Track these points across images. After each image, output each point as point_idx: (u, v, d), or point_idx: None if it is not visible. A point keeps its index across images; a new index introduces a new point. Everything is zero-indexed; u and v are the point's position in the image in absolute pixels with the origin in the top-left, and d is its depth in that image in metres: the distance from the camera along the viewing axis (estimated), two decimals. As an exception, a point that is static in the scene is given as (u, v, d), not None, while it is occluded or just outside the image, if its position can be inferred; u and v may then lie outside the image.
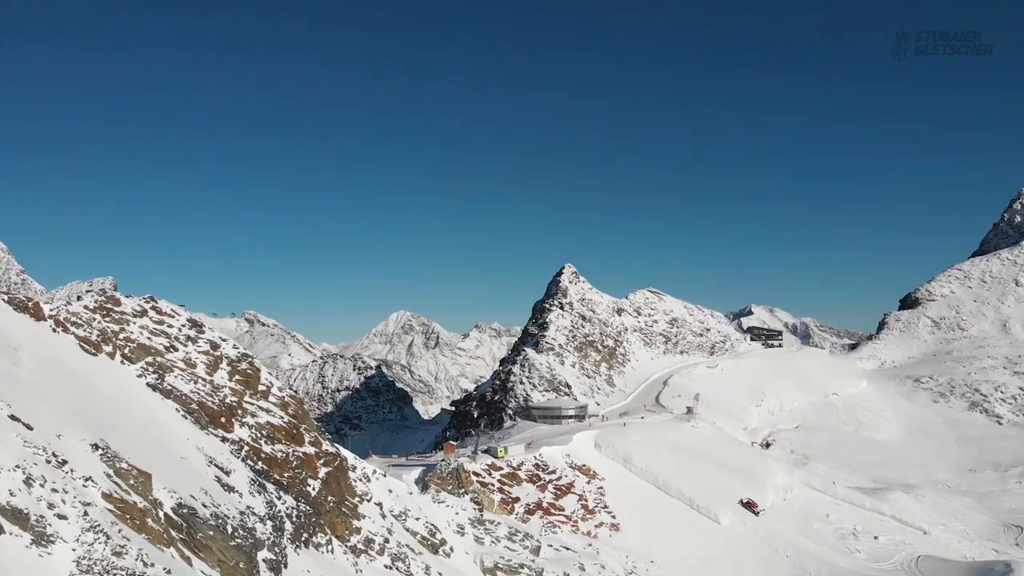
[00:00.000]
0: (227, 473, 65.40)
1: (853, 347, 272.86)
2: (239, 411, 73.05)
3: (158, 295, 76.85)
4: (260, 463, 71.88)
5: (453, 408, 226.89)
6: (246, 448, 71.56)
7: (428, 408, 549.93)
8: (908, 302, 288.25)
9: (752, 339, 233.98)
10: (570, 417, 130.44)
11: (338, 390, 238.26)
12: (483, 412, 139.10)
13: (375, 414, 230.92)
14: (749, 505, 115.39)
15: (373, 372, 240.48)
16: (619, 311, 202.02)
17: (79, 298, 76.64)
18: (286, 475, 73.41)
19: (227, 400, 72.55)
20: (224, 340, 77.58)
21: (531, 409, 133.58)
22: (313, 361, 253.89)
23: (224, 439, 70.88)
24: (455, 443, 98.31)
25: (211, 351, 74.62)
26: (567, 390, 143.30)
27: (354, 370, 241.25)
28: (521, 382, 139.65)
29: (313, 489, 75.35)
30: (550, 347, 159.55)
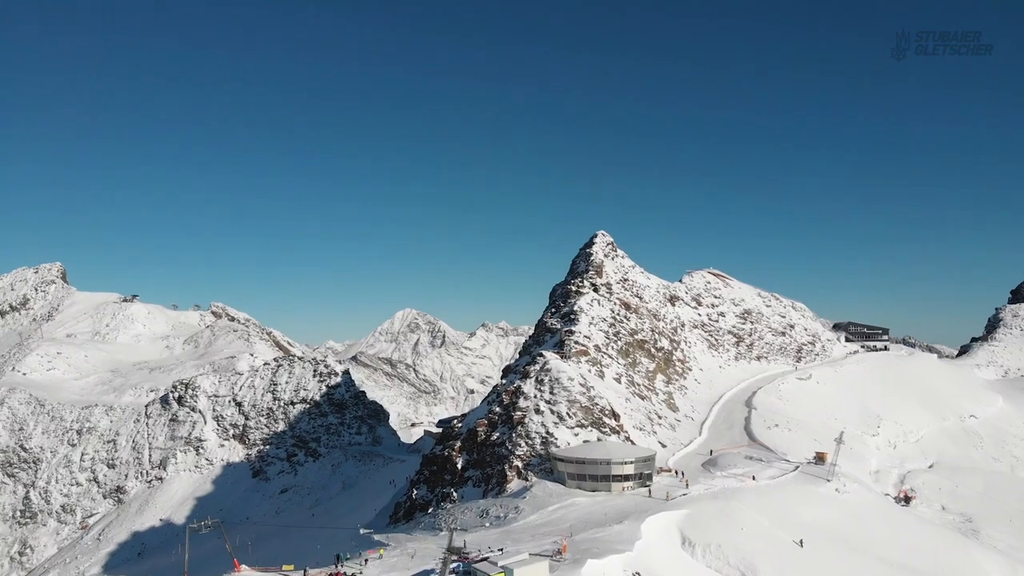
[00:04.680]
0: None
1: (962, 351, 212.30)
2: None
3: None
4: None
5: (440, 431, 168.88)
6: None
7: (432, 409, 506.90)
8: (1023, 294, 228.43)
9: (847, 339, 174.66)
10: (627, 477, 72.41)
11: (292, 402, 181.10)
12: (472, 461, 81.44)
13: (339, 436, 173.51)
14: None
15: (338, 380, 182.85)
16: (672, 299, 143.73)
17: None
18: None
19: None
20: None
21: (556, 461, 75.50)
22: (265, 364, 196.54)
23: None
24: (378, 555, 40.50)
25: None
26: (613, 422, 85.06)
27: (314, 376, 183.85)
28: (538, 410, 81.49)
29: None
30: (582, 349, 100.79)
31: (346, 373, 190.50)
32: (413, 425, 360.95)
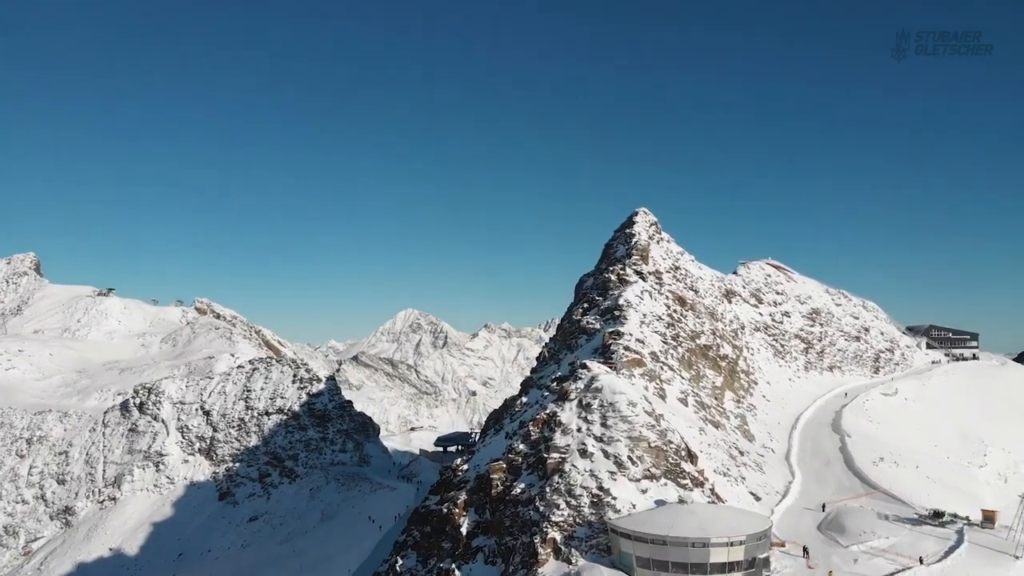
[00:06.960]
0: None
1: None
2: None
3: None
4: None
5: (442, 449, 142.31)
6: None
7: (434, 412, 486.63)
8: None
9: (929, 346, 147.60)
10: (733, 567, 45.42)
11: (267, 412, 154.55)
12: (483, 524, 54.73)
13: (320, 453, 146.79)
14: None
15: (322, 387, 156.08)
16: (728, 295, 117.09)
17: None
18: None
19: None
20: None
21: (619, 537, 48.59)
22: (239, 367, 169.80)
23: None
24: None
25: None
26: (692, 468, 57.88)
27: (294, 382, 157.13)
28: (584, 451, 54.19)
29: None
30: (635, 358, 73.02)
31: (330, 379, 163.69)
32: (412, 429, 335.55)
